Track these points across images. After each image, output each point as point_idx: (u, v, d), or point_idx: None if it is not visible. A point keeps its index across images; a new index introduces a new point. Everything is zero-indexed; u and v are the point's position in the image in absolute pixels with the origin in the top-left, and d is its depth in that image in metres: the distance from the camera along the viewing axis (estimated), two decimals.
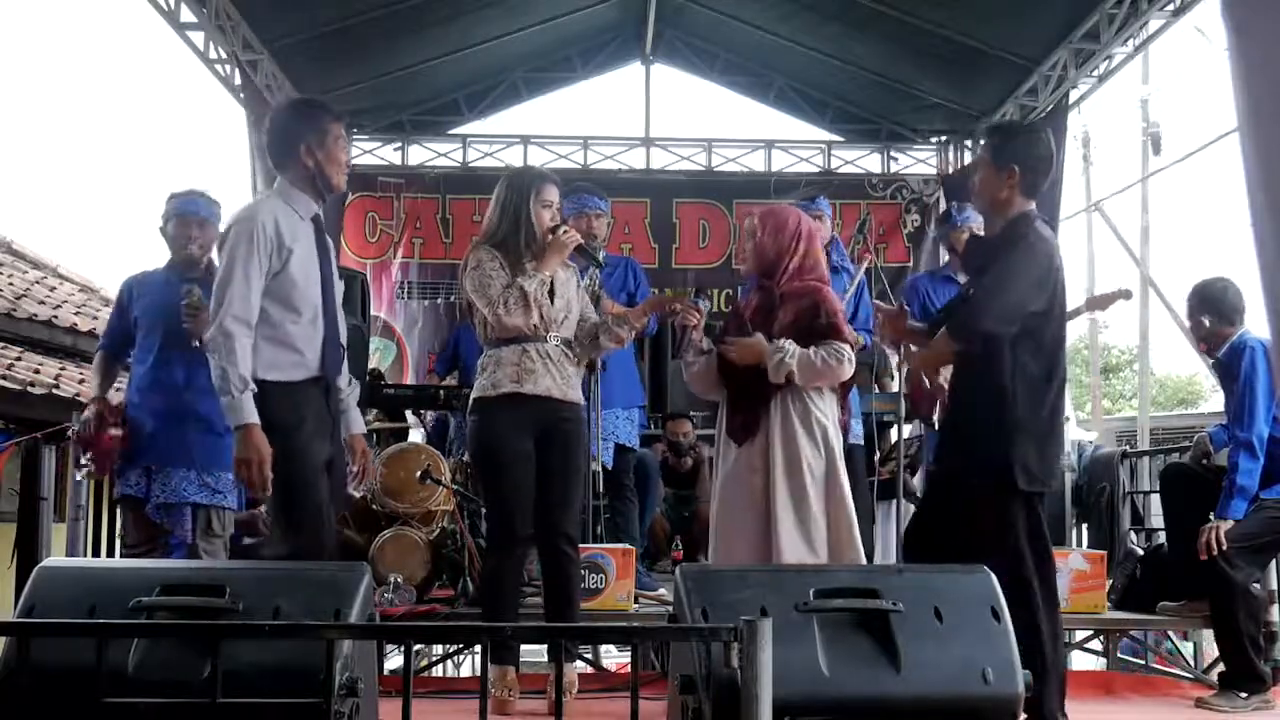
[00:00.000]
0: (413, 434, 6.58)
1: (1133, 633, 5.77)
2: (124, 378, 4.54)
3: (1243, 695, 4.19)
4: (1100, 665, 5.35)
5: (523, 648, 4.73)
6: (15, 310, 8.85)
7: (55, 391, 7.36)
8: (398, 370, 8.80)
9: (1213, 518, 4.29)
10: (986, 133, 3.55)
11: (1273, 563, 4.64)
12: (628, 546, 4.63)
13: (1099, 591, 4.72)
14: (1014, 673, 2.47)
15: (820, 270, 3.89)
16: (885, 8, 7.67)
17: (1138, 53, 8.09)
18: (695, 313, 3.78)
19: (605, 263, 5.09)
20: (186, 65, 31.82)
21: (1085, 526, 6.75)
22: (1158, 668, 5.76)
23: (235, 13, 7.36)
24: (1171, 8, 7.00)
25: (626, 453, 5.24)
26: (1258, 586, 4.51)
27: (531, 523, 3.68)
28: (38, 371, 7.89)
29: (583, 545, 3.99)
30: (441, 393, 5.96)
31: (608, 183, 6.73)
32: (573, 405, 3.75)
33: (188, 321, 4.04)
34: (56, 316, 9.27)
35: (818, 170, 9.54)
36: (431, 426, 6.75)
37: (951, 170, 9.47)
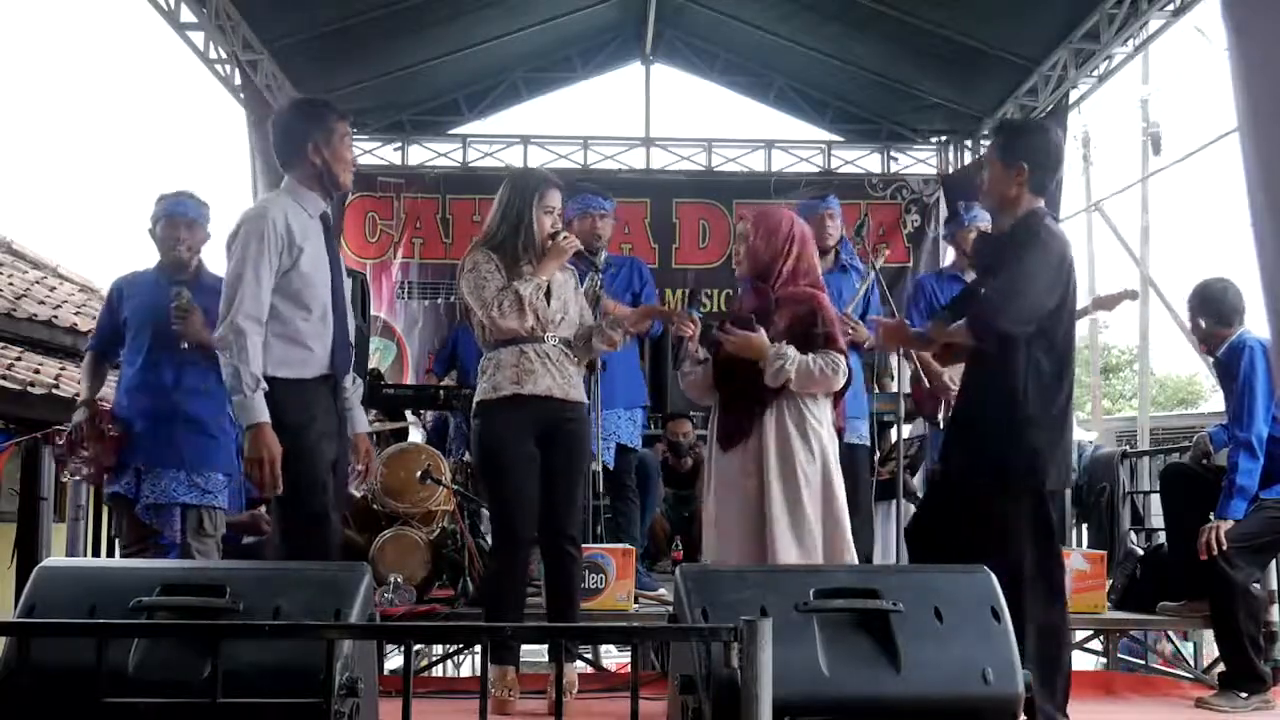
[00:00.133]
0: (413, 434, 6.58)
1: (1133, 633, 5.77)
2: (113, 376, 4.54)
3: (1243, 695, 4.19)
4: (1100, 665, 5.35)
5: (523, 648, 4.72)
6: (15, 310, 8.85)
7: (55, 391, 7.36)
8: (398, 370, 8.80)
9: (1213, 518, 4.29)
10: (994, 131, 3.53)
11: (1273, 563, 4.64)
12: (628, 546, 4.63)
13: (1099, 591, 4.72)
14: (1014, 673, 2.47)
15: (815, 275, 3.86)
16: (885, 8, 7.67)
17: (1138, 53, 8.08)
18: (690, 323, 3.76)
19: (609, 264, 5.11)
20: (186, 65, 31.84)
21: (1085, 526, 6.76)
22: (1158, 668, 5.76)
23: (235, 13, 7.36)
24: (1171, 8, 7.00)
25: (628, 453, 5.23)
26: (1258, 586, 4.51)
27: (535, 524, 3.69)
28: (38, 371, 7.89)
29: (583, 545, 3.99)
30: (441, 393, 5.97)
31: (608, 183, 6.73)
32: (575, 404, 3.75)
33: (177, 324, 4.05)
34: (56, 316, 9.27)
35: (818, 170, 9.54)
36: (431, 426, 6.75)
37: (951, 170, 9.48)
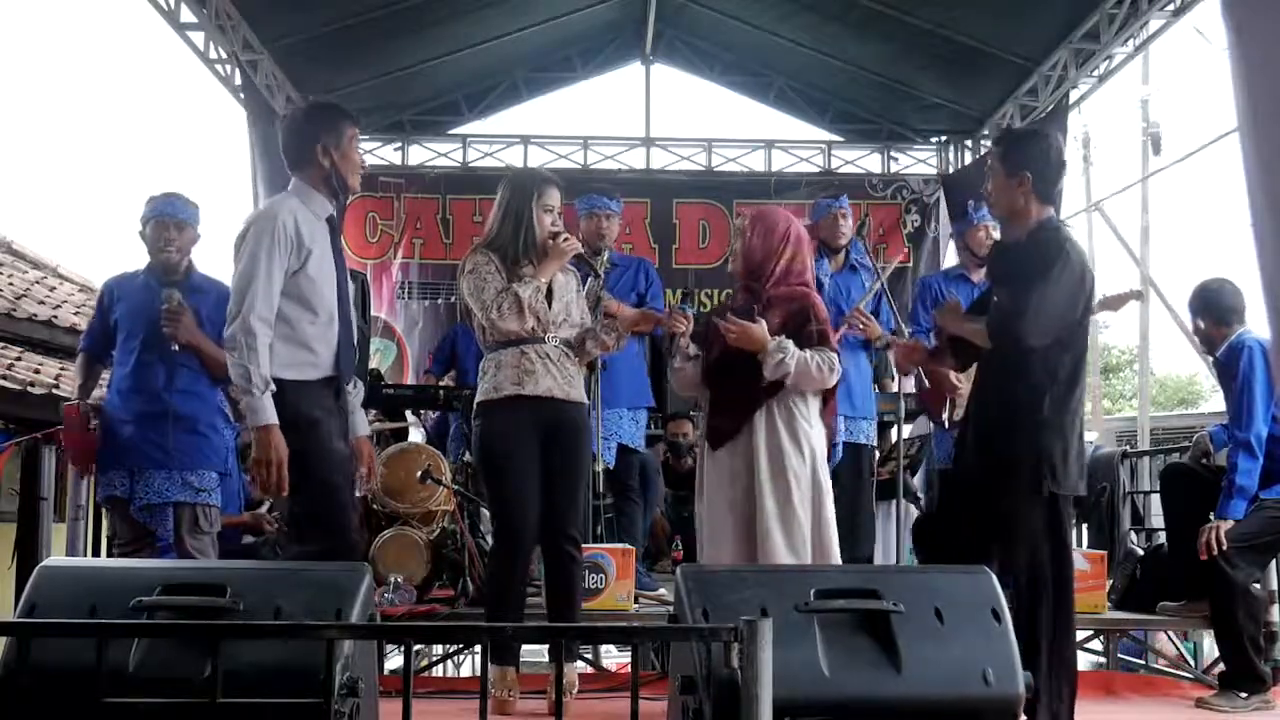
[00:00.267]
0: (413, 434, 6.58)
1: (1133, 632, 5.77)
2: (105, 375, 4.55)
3: (1243, 695, 4.19)
4: (1100, 665, 5.35)
5: (523, 648, 4.73)
6: (15, 310, 8.85)
7: (55, 391, 7.36)
8: (398, 371, 8.80)
9: (1213, 518, 4.29)
10: (994, 141, 3.52)
11: (1273, 563, 4.64)
12: (628, 546, 4.63)
13: (1099, 591, 4.72)
14: (1014, 674, 2.47)
15: (808, 275, 3.88)
16: (885, 8, 7.67)
17: (1138, 53, 8.09)
18: (683, 320, 3.77)
19: (615, 264, 5.11)
20: (186, 65, 31.85)
21: (1085, 526, 6.74)
22: (1158, 668, 5.76)
23: (235, 13, 7.36)
24: (1171, 8, 7.00)
25: (631, 454, 5.23)
26: (1258, 586, 4.51)
27: (536, 525, 3.68)
28: (38, 371, 7.89)
29: (583, 545, 3.98)
30: (441, 393, 5.97)
31: (608, 183, 6.73)
32: (576, 405, 3.75)
33: (168, 325, 4.06)
34: (56, 316, 9.26)
35: (818, 170, 9.54)
36: (431, 426, 6.75)
37: (952, 170, 9.48)
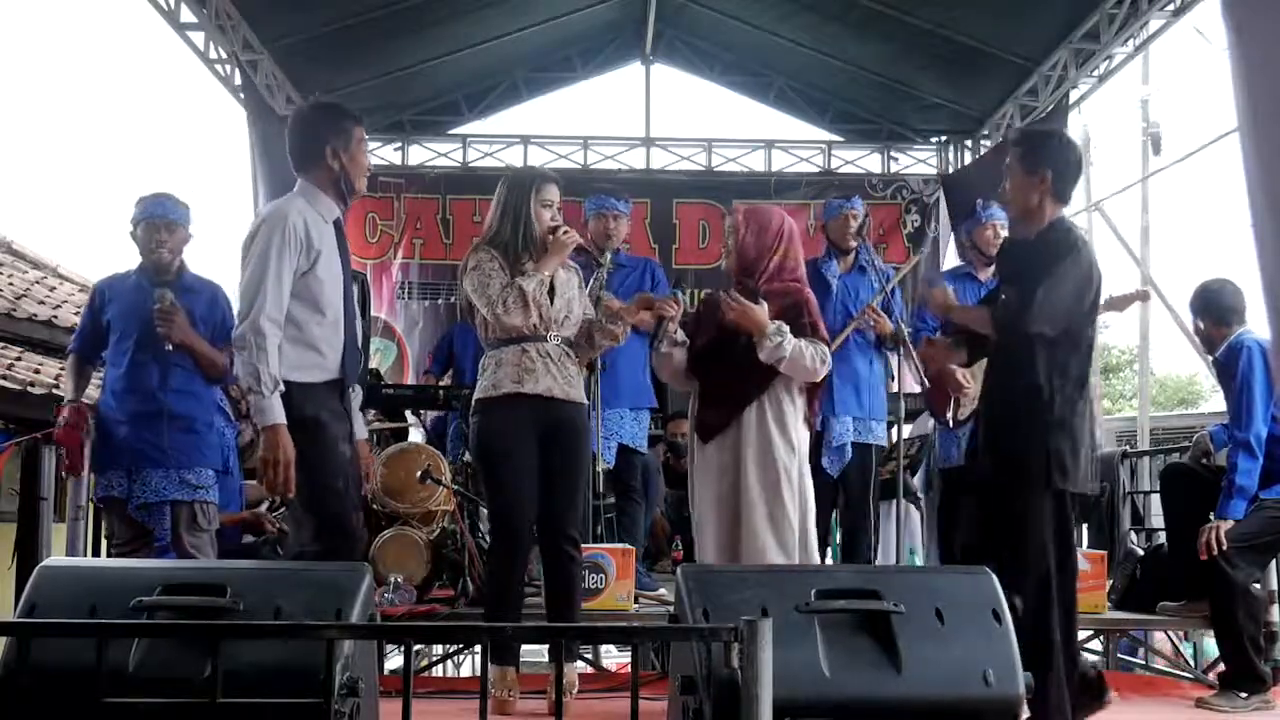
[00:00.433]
0: (413, 434, 6.58)
1: (1132, 632, 5.77)
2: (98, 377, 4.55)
3: (1243, 695, 4.19)
4: (1100, 665, 5.34)
5: (523, 648, 4.73)
6: (15, 310, 8.84)
7: (55, 391, 7.34)
8: (398, 371, 8.80)
9: (1213, 517, 4.29)
10: (1014, 141, 3.54)
11: (1273, 563, 4.64)
12: (628, 546, 4.63)
13: (1099, 591, 4.72)
14: (1015, 674, 2.47)
15: (800, 271, 3.92)
16: (885, 8, 7.67)
17: (1138, 53, 8.08)
18: (673, 304, 3.78)
19: (622, 264, 5.10)
20: (186, 65, 31.85)
21: (1085, 526, 6.74)
22: (1158, 668, 5.77)
23: (235, 13, 7.37)
24: (1171, 8, 7.00)
25: (632, 454, 5.22)
26: (1258, 586, 4.51)
27: (533, 522, 3.69)
28: (38, 371, 7.88)
29: (583, 545, 3.99)
30: (441, 393, 5.96)
31: (608, 183, 6.73)
32: (575, 405, 3.75)
33: (161, 326, 4.06)
34: (56, 316, 9.26)
35: (818, 170, 9.54)
36: (431, 426, 6.75)
37: (952, 170, 9.48)
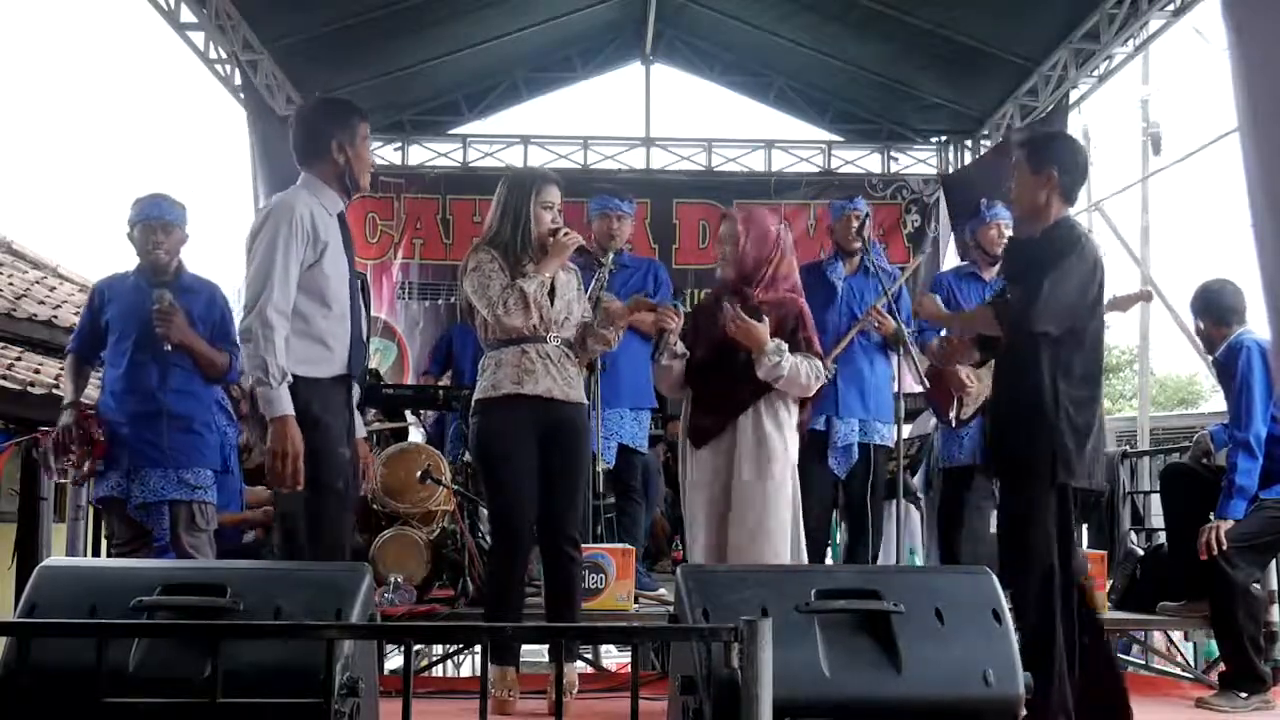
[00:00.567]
0: (413, 434, 6.58)
1: (1132, 632, 5.77)
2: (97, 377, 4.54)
3: (1243, 695, 4.19)
4: None
5: (523, 648, 4.72)
6: (15, 310, 8.85)
7: (55, 391, 7.34)
8: (398, 371, 8.80)
9: (1213, 517, 4.29)
10: (1020, 141, 3.58)
11: (1273, 563, 4.64)
12: (628, 546, 4.63)
13: (1099, 592, 4.71)
14: (1015, 674, 2.47)
15: (794, 279, 3.94)
16: (885, 8, 7.67)
17: (1138, 53, 8.08)
18: (674, 315, 3.77)
19: (625, 265, 5.10)
20: (186, 65, 31.85)
21: (1085, 526, 6.74)
22: (1158, 668, 5.77)
23: (235, 13, 7.37)
24: (1171, 8, 7.00)
25: (632, 454, 5.22)
26: (1258, 586, 4.50)
27: (533, 522, 3.69)
28: (38, 371, 7.89)
29: (583, 545, 3.99)
30: (441, 393, 5.96)
31: (608, 183, 6.73)
32: (575, 405, 3.75)
33: (160, 326, 4.06)
34: (56, 316, 9.26)
35: (818, 170, 9.53)
36: (430, 426, 6.74)
37: (952, 170, 9.47)
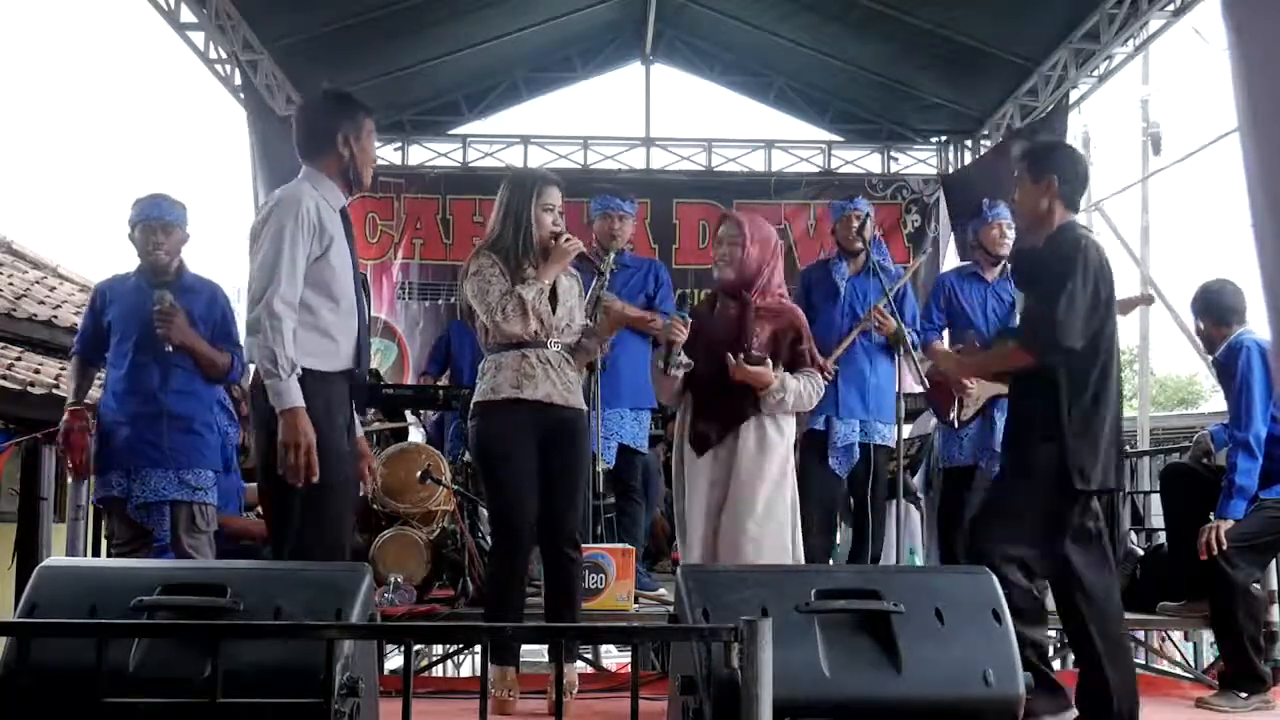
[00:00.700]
0: (412, 434, 6.58)
1: (1132, 632, 5.76)
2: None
3: (1243, 695, 4.19)
4: None
5: (523, 648, 4.72)
6: (15, 310, 8.85)
7: (55, 391, 7.35)
8: (398, 371, 8.80)
9: (1213, 517, 4.29)
10: (1020, 154, 3.59)
11: (1273, 563, 4.64)
12: (628, 546, 4.63)
13: None
14: (1015, 674, 2.47)
15: (783, 285, 3.98)
16: (885, 8, 7.67)
17: (1138, 53, 8.08)
18: (682, 328, 3.77)
19: (625, 265, 5.10)
20: (186, 65, 31.86)
21: None
22: (1158, 668, 5.76)
23: (235, 13, 7.37)
24: (1171, 8, 7.00)
25: (633, 454, 5.22)
26: (1258, 586, 4.50)
27: (533, 523, 3.68)
28: (38, 371, 7.89)
29: (583, 545, 3.99)
30: (441, 393, 5.96)
31: (608, 183, 6.73)
32: (574, 410, 3.74)
33: (161, 327, 4.06)
34: (56, 316, 9.26)
35: (818, 170, 9.54)
36: (430, 426, 6.74)
37: (952, 170, 9.47)
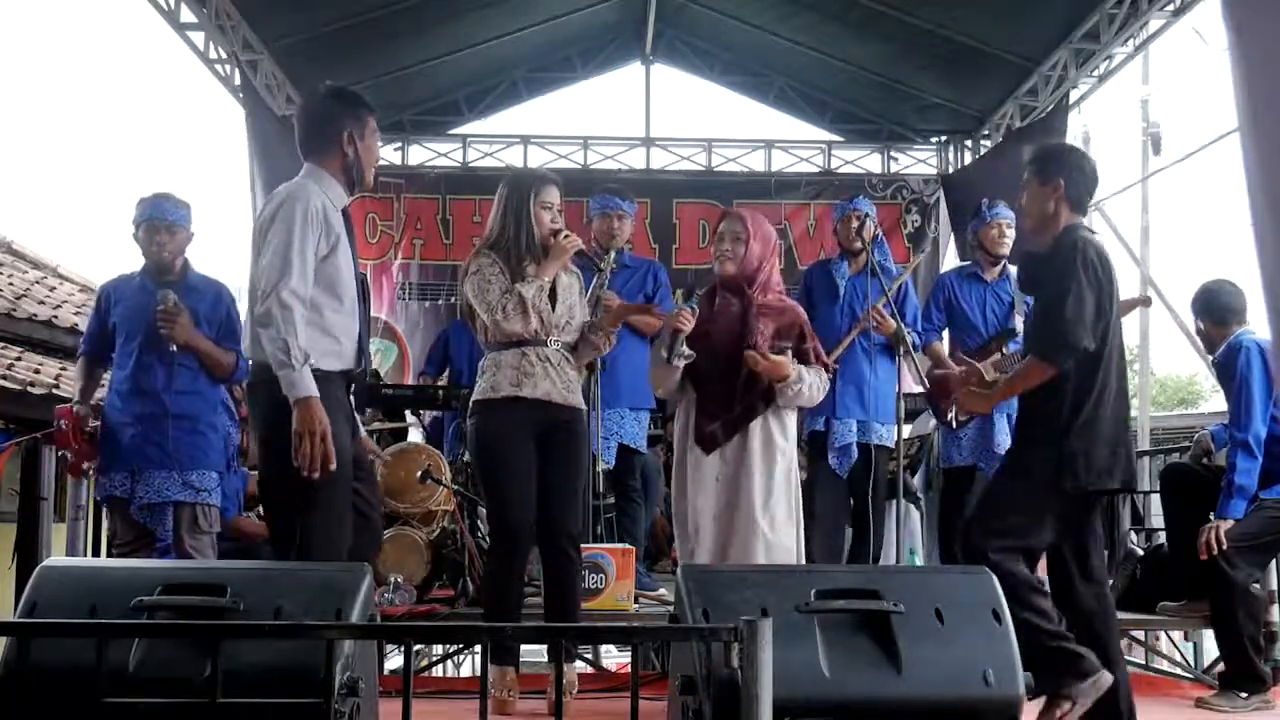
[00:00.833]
0: (412, 434, 6.58)
1: (1132, 632, 5.77)
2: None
3: (1243, 695, 4.19)
4: None
5: (523, 648, 4.73)
6: (15, 310, 8.85)
7: (55, 391, 7.35)
8: (399, 371, 8.79)
9: (1213, 517, 4.29)
10: (1029, 159, 3.58)
11: (1273, 563, 4.64)
12: (628, 546, 4.63)
13: None
14: (1015, 674, 2.46)
15: (782, 286, 3.99)
16: (885, 8, 7.67)
17: (1138, 53, 8.08)
18: (689, 318, 3.77)
19: (625, 265, 5.11)
20: (186, 65, 31.83)
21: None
22: (1158, 668, 5.76)
23: (235, 13, 7.37)
24: (1171, 8, 7.00)
25: (632, 454, 5.22)
26: (1258, 586, 4.50)
27: (532, 522, 3.69)
28: (38, 371, 7.89)
29: (583, 545, 3.99)
30: (440, 393, 5.97)
31: (608, 183, 6.72)
32: (573, 409, 3.75)
33: (164, 326, 4.07)
34: (56, 316, 9.26)
35: (818, 170, 9.54)
36: (429, 426, 6.74)
37: (952, 170, 9.47)
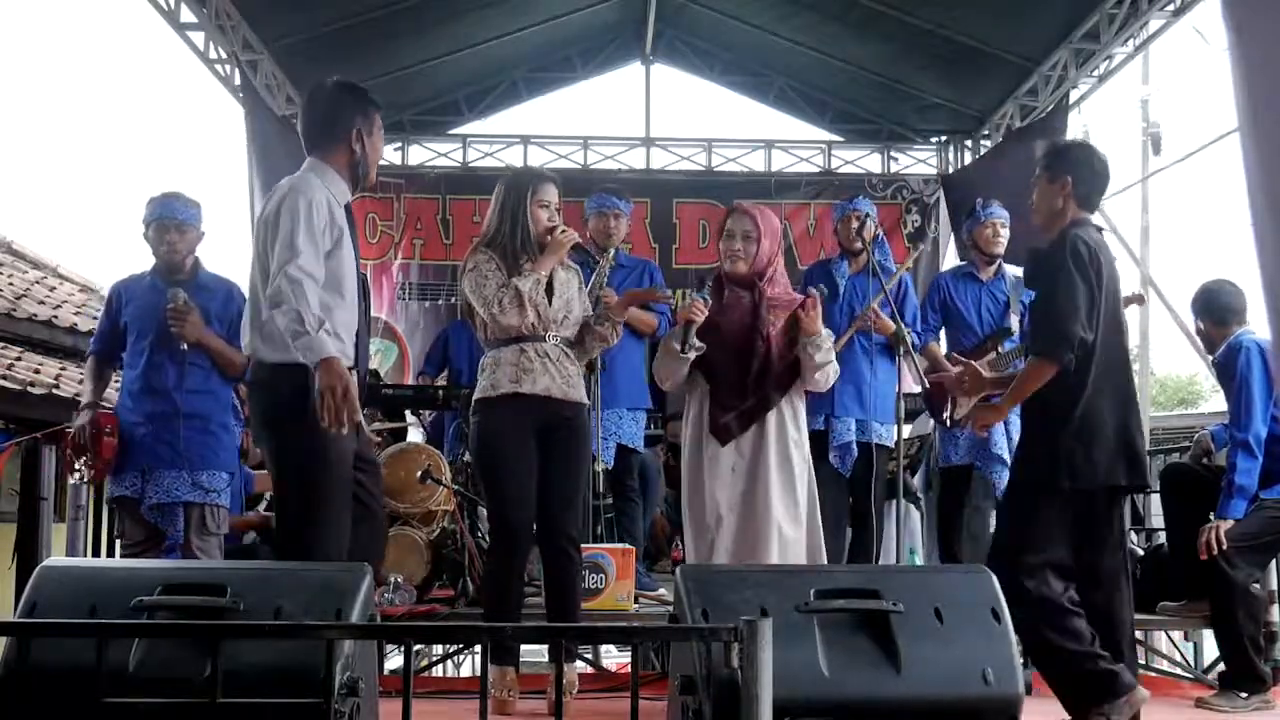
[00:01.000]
0: (412, 434, 6.58)
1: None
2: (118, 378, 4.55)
3: (1243, 695, 4.19)
4: None
5: (523, 648, 4.72)
6: (15, 310, 8.84)
7: (55, 391, 7.35)
8: (399, 371, 8.79)
9: (1213, 517, 4.29)
10: (1041, 157, 3.60)
11: (1273, 563, 4.64)
12: (628, 546, 4.63)
13: None
14: (1014, 673, 2.47)
15: (787, 278, 4.01)
16: (885, 8, 7.67)
17: (1138, 53, 8.08)
18: (701, 308, 3.77)
19: (622, 264, 5.11)
20: (186, 65, 31.87)
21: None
22: (1158, 668, 5.77)
23: (235, 13, 7.36)
24: (1171, 8, 7.00)
25: (630, 454, 5.22)
26: (1258, 586, 4.50)
27: (532, 521, 3.69)
28: (38, 371, 7.88)
29: (583, 545, 3.99)
30: (440, 393, 5.97)
31: (608, 183, 6.73)
32: (574, 404, 3.75)
33: (174, 325, 4.06)
34: (56, 316, 9.26)
35: (818, 170, 9.53)
36: (428, 426, 6.74)
37: (952, 170, 9.47)
